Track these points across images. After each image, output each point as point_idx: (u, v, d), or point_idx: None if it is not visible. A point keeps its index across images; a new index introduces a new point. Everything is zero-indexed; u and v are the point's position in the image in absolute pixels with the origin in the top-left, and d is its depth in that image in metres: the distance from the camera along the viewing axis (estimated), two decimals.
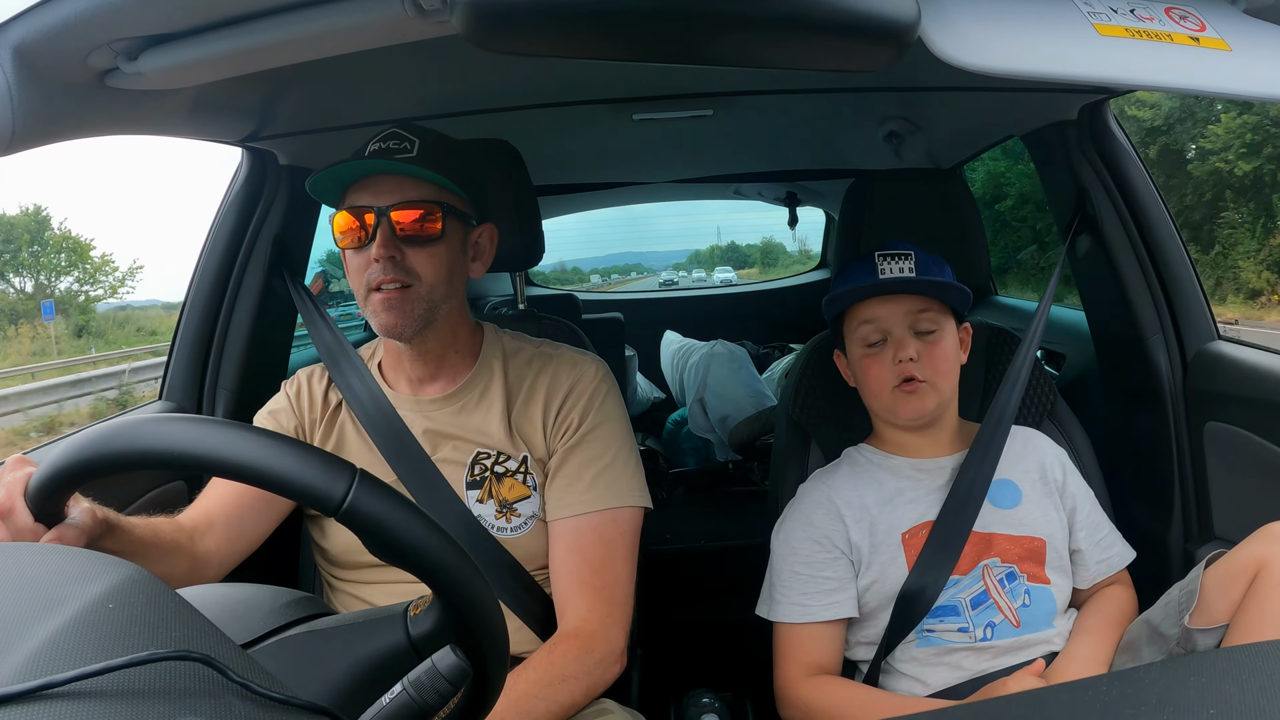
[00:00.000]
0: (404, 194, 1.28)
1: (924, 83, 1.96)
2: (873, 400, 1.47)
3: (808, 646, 1.41)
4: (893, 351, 1.41)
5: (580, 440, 1.38)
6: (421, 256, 1.30)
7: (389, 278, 1.28)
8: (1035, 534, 1.42)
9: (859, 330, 1.44)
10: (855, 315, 1.45)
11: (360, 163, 1.29)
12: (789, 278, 4.93)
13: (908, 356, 1.39)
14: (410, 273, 1.29)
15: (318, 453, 0.66)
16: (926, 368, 1.40)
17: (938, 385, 1.41)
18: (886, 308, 1.42)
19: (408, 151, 1.30)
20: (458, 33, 0.73)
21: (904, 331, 1.41)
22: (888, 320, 1.42)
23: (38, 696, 0.46)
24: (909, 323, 1.41)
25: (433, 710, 0.68)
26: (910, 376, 1.40)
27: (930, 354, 1.41)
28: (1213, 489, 1.70)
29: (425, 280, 1.30)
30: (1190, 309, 1.78)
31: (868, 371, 1.44)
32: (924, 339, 1.42)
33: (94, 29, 0.93)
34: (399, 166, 1.28)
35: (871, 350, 1.43)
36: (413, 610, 0.72)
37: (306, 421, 1.44)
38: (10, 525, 0.87)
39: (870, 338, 1.43)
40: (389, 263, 1.27)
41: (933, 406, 1.42)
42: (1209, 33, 0.81)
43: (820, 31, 0.74)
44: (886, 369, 1.41)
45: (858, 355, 1.46)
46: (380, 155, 1.29)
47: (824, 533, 1.43)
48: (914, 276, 1.40)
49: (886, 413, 1.46)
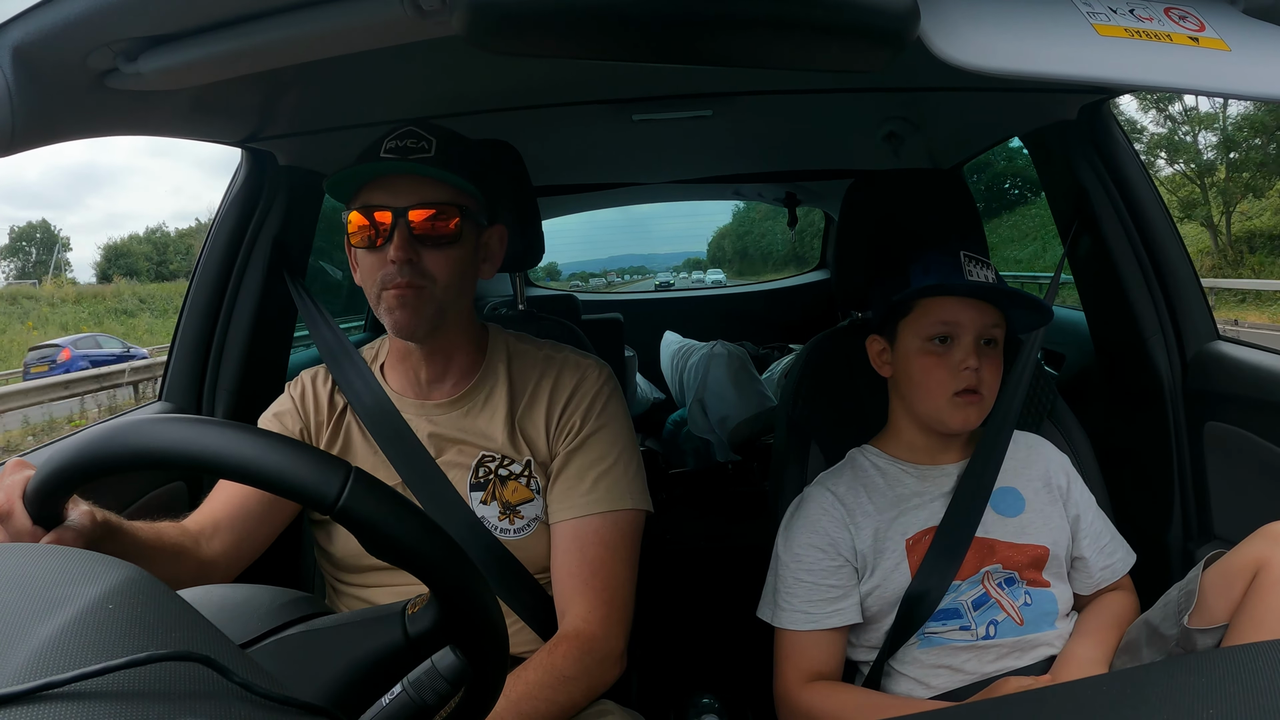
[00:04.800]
0: (421, 195, 1.27)
1: (923, 83, 1.96)
2: (924, 401, 1.41)
3: (810, 653, 1.40)
4: (959, 357, 1.36)
5: (583, 443, 1.38)
6: (437, 258, 1.28)
7: (405, 280, 1.26)
8: (1038, 542, 1.41)
9: (930, 326, 1.38)
10: (929, 310, 1.38)
11: (379, 163, 1.27)
12: (790, 278, 4.93)
13: (974, 366, 1.35)
14: (425, 274, 1.28)
15: (312, 451, 0.66)
16: (985, 381, 1.37)
17: (989, 400, 1.39)
18: (969, 313, 1.36)
19: (425, 151, 1.28)
20: (457, 33, 0.73)
21: (973, 340, 1.36)
22: (964, 325, 1.36)
23: (38, 697, 0.46)
24: (981, 332, 1.37)
25: (433, 710, 0.68)
26: (972, 387, 1.36)
27: (989, 368, 1.37)
28: (1212, 489, 1.70)
29: (440, 282, 1.29)
30: (1190, 309, 1.78)
31: (928, 371, 1.39)
32: (986, 351, 1.37)
33: (93, 30, 0.92)
34: (418, 168, 1.26)
35: (934, 349, 1.38)
36: (411, 609, 0.72)
37: (312, 424, 1.43)
38: (9, 528, 0.87)
39: (937, 336, 1.38)
40: (405, 265, 1.26)
41: (981, 420, 1.40)
42: (1208, 33, 0.81)
43: (820, 31, 0.74)
44: (948, 373, 1.36)
45: (916, 350, 1.40)
46: (397, 154, 1.27)
47: (829, 539, 1.41)
48: (1004, 286, 1.36)
49: (933, 417, 1.41)
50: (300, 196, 1.86)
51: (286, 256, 1.82)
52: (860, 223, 1.70)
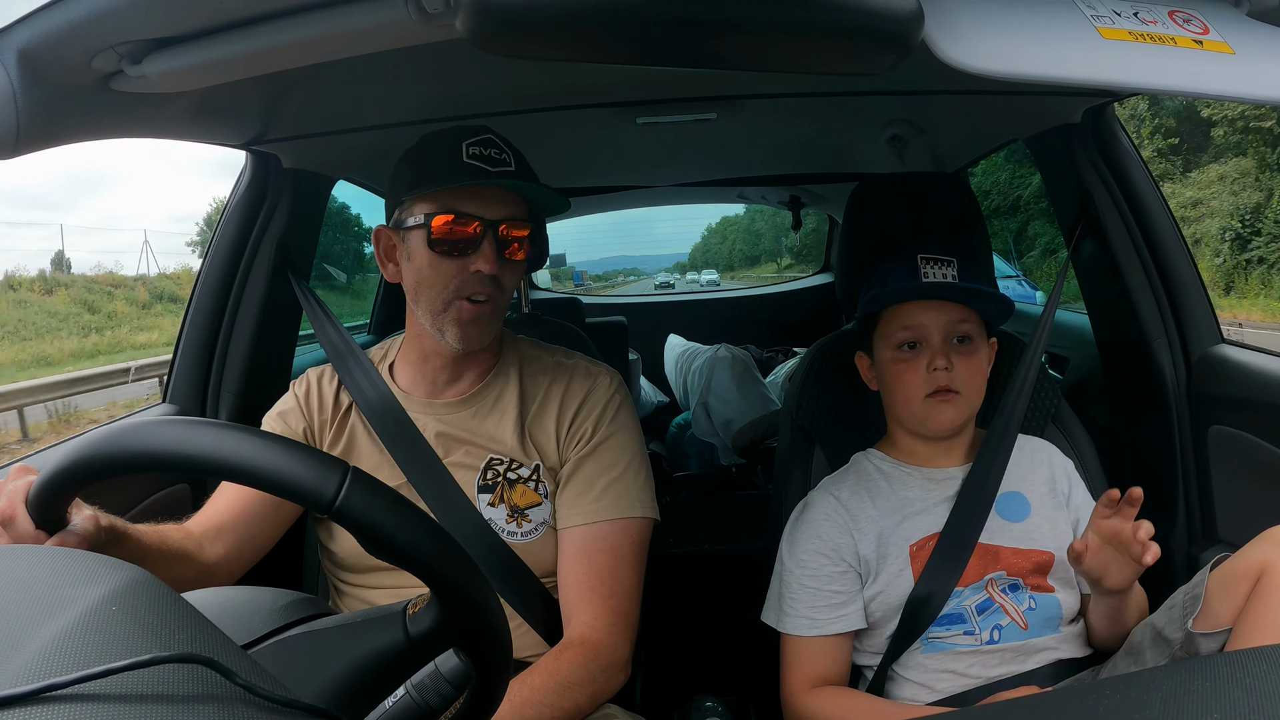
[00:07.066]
0: (508, 209, 1.29)
1: (927, 86, 1.96)
2: (901, 408, 1.43)
3: (815, 659, 1.39)
4: (928, 359, 1.37)
5: (593, 450, 1.38)
6: (511, 271, 1.31)
7: (488, 290, 1.28)
8: (1043, 548, 1.41)
9: (894, 334, 1.40)
10: (892, 318, 1.40)
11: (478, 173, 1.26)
12: (792, 281, 4.93)
13: (943, 366, 1.36)
14: (503, 288, 1.31)
15: (309, 451, 0.66)
16: (960, 379, 1.36)
17: (969, 397, 1.38)
18: (928, 314, 1.37)
19: (507, 165, 1.29)
20: (461, 36, 0.73)
21: (941, 340, 1.37)
22: (927, 327, 1.37)
23: (40, 699, 0.46)
24: (947, 331, 1.37)
25: (436, 713, 0.68)
26: (945, 387, 1.36)
27: (964, 365, 1.37)
28: (1217, 493, 1.70)
29: (507, 294, 1.32)
30: (1194, 312, 1.77)
31: (899, 378, 1.40)
32: (959, 349, 1.38)
33: (98, 32, 0.93)
34: (511, 183, 1.27)
35: (904, 355, 1.39)
36: (412, 609, 0.71)
37: (316, 424, 1.44)
38: (12, 533, 0.87)
39: (904, 343, 1.39)
40: (491, 278, 1.28)
41: (963, 418, 1.40)
42: (1212, 35, 0.81)
43: (824, 34, 0.73)
44: (919, 377, 1.37)
45: (888, 359, 1.41)
46: (481, 161, 1.27)
47: (833, 545, 1.41)
48: (958, 283, 1.36)
49: (914, 422, 1.42)
50: (304, 198, 1.86)
51: (291, 258, 1.83)
52: (864, 226, 1.70)
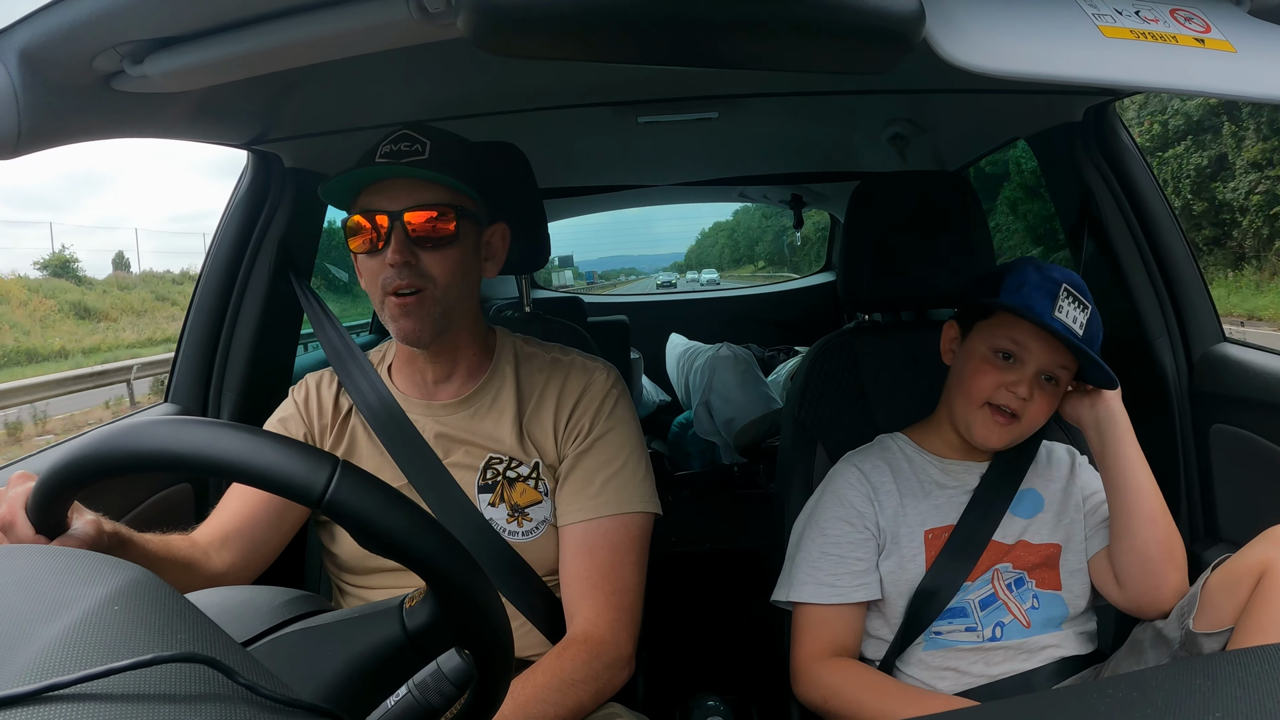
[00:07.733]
0: (416, 197, 1.28)
1: (929, 85, 1.96)
2: (959, 400, 1.41)
3: (833, 627, 1.39)
4: (1013, 378, 1.35)
5: (591, 446, 1.38)
6: (435, 259, 1.29)
7: (404, 282, 1.27)
8: (1052, 540, 1.42)
9: (998, 338, 1.37)
10: (1004, 329, 1.36)
11: (373, 168, 1.28)
12: (795, 280, 4.93)
13: (1024, 395, 1.34)
14: (425, 276, 1.29)
15: (298, 445, 0.66)
16: (1028, 411, 1.36)
17: (1025, 428, 1.38)
18: (1039, 344, 1.34)
19: (419, 154, 1.29)
20: (462, 35, 0.73)
21: (1035, 371, 1.35)
22: (1032, 353, 1.35)
23: (43, 698, 0.46)
24: (1045, 367, 1.35)
25: (438, 712, 0.68)
26: (1012, 410, 1.35)
27: (1040, 401, 1.36)
28: (1218, 492, 1.70)
29: (440, 283, 1.30)
30: (1196, 311, 1.77)
31: (977, 373, 1.38)
32: (1044, 386, 1.36)
33: (99, 32, 0.93)
34: (411, 170, 1.27)
35: (994, 360, 1.37)
36: (408, 603, 0.71)
37: (316, 428, 1.43)
38: (12, 538, 0.87)
39: (1003, 351, 1.36)
40: (404, 267, 1.27)
41: (1007, 443, 1.39)
42: (1214, 34, 0.80)
43: (825, 33, 0.73)
44: (995, 384, 1.35)
45: (978, 353, 1.39)
46: (391, 158, 1.29)
47: (856, 511, 1.42)
48: (1082, 336, 1.33)
49: (963, 420, 1.41)
50: (306, 198, 1.86)
51: (292, 258, 1.83)
52: (866, 225, 1.70)
